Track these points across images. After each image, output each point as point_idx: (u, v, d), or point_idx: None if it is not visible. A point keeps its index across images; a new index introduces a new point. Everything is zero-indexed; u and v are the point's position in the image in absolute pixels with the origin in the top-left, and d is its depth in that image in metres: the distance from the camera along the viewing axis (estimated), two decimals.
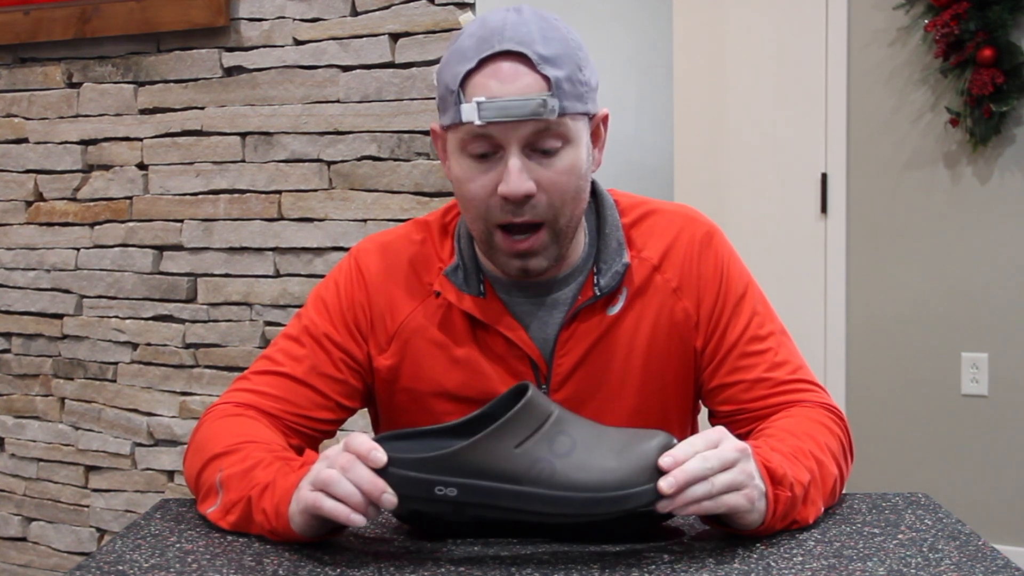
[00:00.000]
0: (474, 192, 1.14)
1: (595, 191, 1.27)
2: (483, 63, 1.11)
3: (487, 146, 1.12)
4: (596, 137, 1.21)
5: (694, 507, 0.98)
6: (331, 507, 0.98)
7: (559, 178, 1.13)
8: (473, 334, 1.22)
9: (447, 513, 0.99)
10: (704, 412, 1.32)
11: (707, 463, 0.97)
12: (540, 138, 1.12)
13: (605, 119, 1.21)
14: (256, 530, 1.08)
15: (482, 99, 1.09)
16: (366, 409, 1.35)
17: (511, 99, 1.09)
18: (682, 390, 1.26)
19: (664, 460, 0.97)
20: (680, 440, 1.00)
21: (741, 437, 1.23)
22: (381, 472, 0.97)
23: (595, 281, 1.21)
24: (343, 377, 1.25)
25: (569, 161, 1.14)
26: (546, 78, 1.10)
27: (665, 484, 0.95)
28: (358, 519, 0.98)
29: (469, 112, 1.10)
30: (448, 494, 0.96)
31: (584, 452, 0.97)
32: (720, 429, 1.03)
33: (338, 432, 1.31)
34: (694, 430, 1.35)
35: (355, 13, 2.11)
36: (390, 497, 0.97)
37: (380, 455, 0.97)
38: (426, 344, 1.23)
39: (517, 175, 1.10)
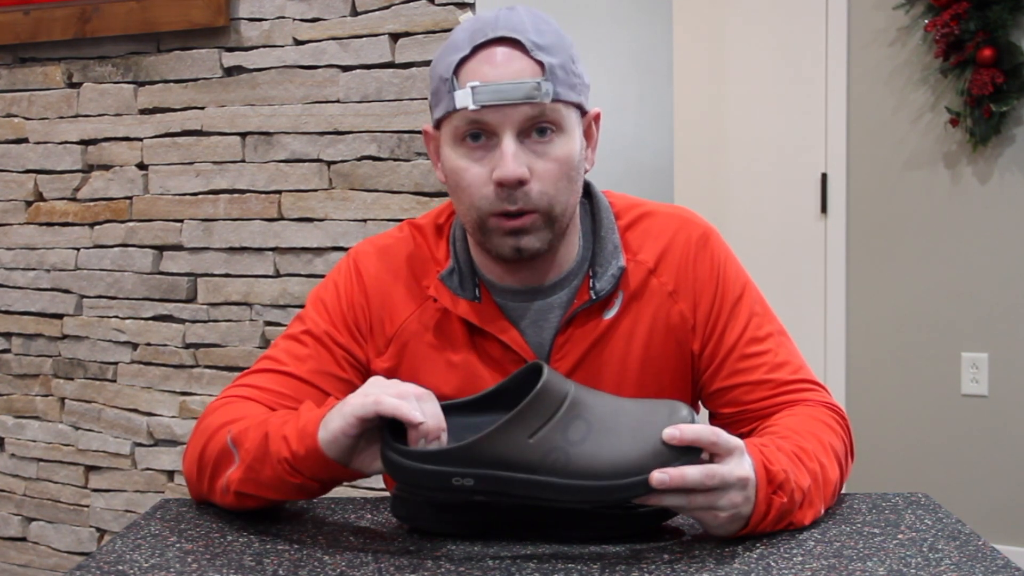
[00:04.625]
0: (468, 181, 1.14)
1: (590, 193, 1.27)
2: (477, 50, 1.12)
3: (481, 134, 1.13)
4: (589, 136, 1.22)
5: (681, 509, 1.00)
6: (409, 408, 0.98)
7: (553, 166, 1.13)
8: (469, 338, 1.22)
9: (465, 498, 1.01)
10: (704, 412, 1.32)
11: (710, 481, 0.97)
12: (534, 124, 1.12)
13: (597, 118, 1.22)
14: (269, 471, 1.06)
15: (476, 83, 1.10)
16: None
17: (505, 83, 1.10)
18: (680, 394, 1.26)
19: (670, 431, 0.97)
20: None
21: (743, 435, 1.23)
22: (399, 464, 0.98)
23: (591, 284, 1.21)
24: (347, 376, 1.24)
25: (563, 150, 1.14)
26: (540, 63, 1.11)
27: (656, 481, 0.96)
28: (419, 416, 0.98)
29: (463, 98, 1.11)
30: (465, 484, 0.97)
31: (599, 436, 0.97)
32: (739, 445, 1.01)
33: None
34: None
35: (355, 13, 2.12)
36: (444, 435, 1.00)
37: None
38: (423, 348, 1.23)
39: (512, 159, 1.11)
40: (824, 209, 3.39)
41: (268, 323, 2.25)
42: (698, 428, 0.98)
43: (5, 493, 2.57)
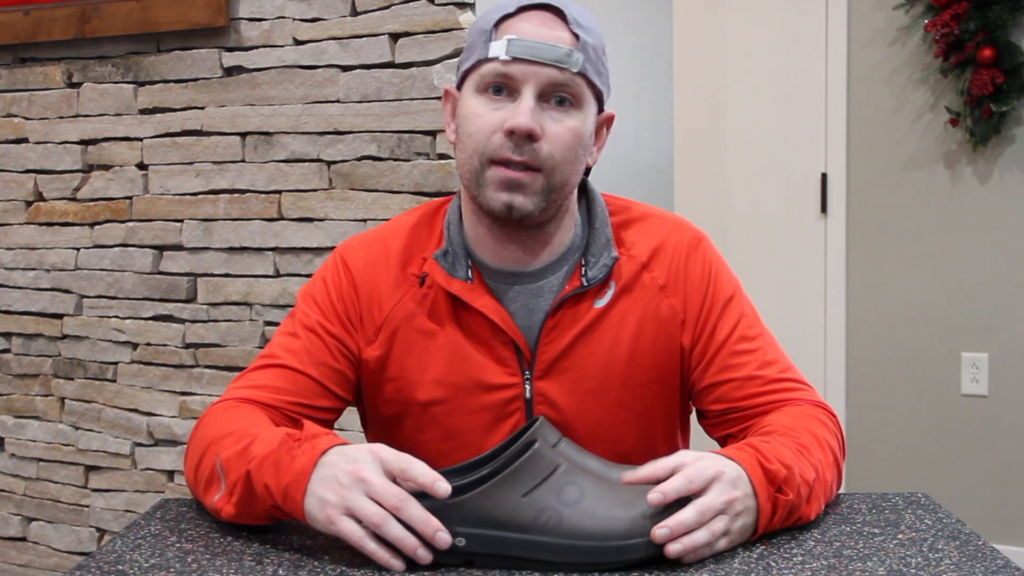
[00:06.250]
0: (479, 127, 1.16)
1: (587, 189, 1.29)
2: (521, 11, 1.17)
3: (505, 87, 1.16)
4: (599, 135, 1.25)
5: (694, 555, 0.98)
6: (373, 550, 0.97)
7: (565, 133, 1.16)
8: (457, 319, 1.24)
9: (456, 563, 0.99)
10: (695, 413, 1.33)
11: (705, 516, 0.98)
12: (556, 90, 1.15)
13: (610, 121, 1.26)
14: (260, 506, 1.06)
15: (513, 36, 1.14)
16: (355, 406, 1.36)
17: (541, 42, 1.14)
18: (667, 388, 1.27)
19: (653, 496, 0.96)
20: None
21: (733, 436, 1.23)
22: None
23: (583, 272, 1.23)
24: (340, 367, 1.26)
25: (576, 123, 1.17)
26: (576, 36, 1.16)
27: (660, 535, 0.96)
28: (398, 565, 0.97)
29: (498, 48, 1.15)
30: (457, 544, 0.97)
31: (592, 503, 0.97)
32: (715, 473, 1.01)
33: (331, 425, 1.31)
34: (685, 432, 1.36)
35: (355, 13, 2.12)
36: (444, 536, 0.96)
37: (444, 485, 0.96)
38: (412, 332, 1.25)
39: (528, 112, 1.13)
40: (824, 209, 3.39)
41: (268, 323, 2.25)
42: (676, 483, 0.98)
43: (5, 493, 2.57)
